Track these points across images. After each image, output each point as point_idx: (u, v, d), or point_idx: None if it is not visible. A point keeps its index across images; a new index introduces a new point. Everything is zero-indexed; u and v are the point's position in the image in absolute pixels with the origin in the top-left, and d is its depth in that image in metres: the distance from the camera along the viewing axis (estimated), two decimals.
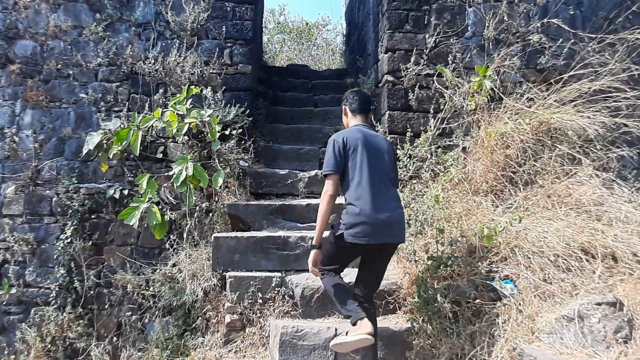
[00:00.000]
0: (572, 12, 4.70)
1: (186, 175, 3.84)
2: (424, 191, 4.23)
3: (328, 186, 2.60)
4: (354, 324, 2.47)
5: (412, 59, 4.65)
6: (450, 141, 4.39)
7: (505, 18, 4.62)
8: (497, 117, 4.14)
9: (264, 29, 12.17)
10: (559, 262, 2.81)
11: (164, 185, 4.09)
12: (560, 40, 4.50)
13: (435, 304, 2.85)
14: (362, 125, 2.83)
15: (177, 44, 4.88)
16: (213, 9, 5.00)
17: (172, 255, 4.19)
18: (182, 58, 4.84)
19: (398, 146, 4.46)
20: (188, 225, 4.12)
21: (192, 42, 4.93)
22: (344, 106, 2.97)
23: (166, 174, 4.32)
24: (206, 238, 4.19)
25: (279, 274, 3.44)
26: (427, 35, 4.74)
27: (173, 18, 4.93)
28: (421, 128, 4.51)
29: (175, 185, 3.89)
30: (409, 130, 4.44)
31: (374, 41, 5.43)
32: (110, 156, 4.11)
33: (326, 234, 2.75)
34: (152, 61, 4.87)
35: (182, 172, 3.85)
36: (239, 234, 3.72)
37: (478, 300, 2.84)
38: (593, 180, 3.44)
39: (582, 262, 2.79)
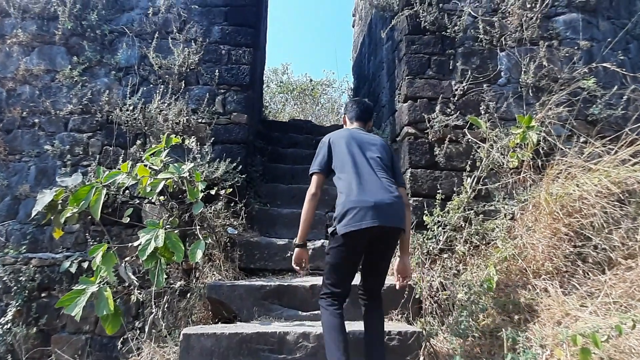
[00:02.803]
0: (622, 58, 4.04)
1: (155, 246, 2.94)
2: (460, 269, 3.31)
3: (312, 185, 2.55)
4: None
5: (437, 108, 3.92)
6: (490, 205, 3.53)
7: (545, 63, 3.95)
8: (549, 176, 3.32)
9: (266, 88, 11.84)
10: None
11: (126, 259, 3.17)
12: (615, 87, 3.79)
13: None
14: (356, 129, 2.74)
15: (161, 90, 4.19)
16: (206, 52, 4.36)
17: (134, 353, 3.17)
18: (166, 105, 4.12)
19: (425, 211, 3.60)
20: (153, 315, 3.15)
21: (180, 87, 4.24)
22: (344, 116, 2.96)
23: (136, 243, 3.41)
24: (179, 329, 3.20)
25: None
26: (453, 82, 4.05)
27: (159, 61, 4.27)
28: (454, 189, 3.67)
29: (140, 259, 2.97)
30: (439, 191, 3.59)
31: (388, 91, 4.76)
32: (62, 220, 3.24)
33: None
34: (131, 108, 4.15)
35: (150, 242, 2.95)
36: (219, 328, 2.74)
37: None
38: None
39: None
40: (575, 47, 4.00)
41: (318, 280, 3.22)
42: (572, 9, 4.13)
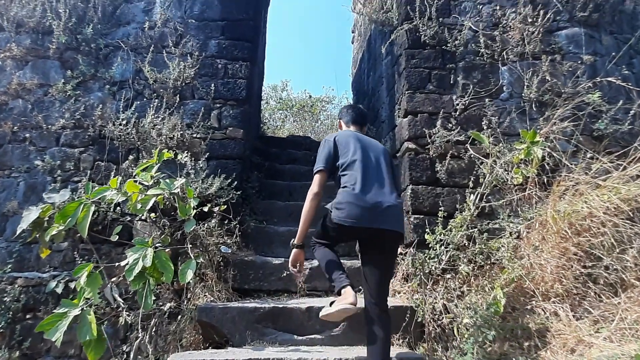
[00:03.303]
0: (626, 72, 3.96)
1: (143, 266, 2.80)
2: (464, 290, 3.16)
3: (314, 184, 2.54)
4: (339, 293, 2.40)
5: (438, 123, 3.81)
6: (494, 223, 3.39)
7: (548, 77, 3.86)
8: (555, 193, 3.19)
9: (265, 104, 11.80)
10: None
11: (112, 280, 3.02)
12: (621, 102, 3.69)
13: None
14: (357, 132, 2.81)
15: (155, 104, 4.09)
16: (202, 65, 4.28)
17: None
18: (160, 119, 4.02)
19: (427, 229, 3.46)
20: (139, 340, 2.97)
21: (175, 102, 4.14)
22: (339, 120, 3.03)
23: (124, 262, 3.26)
24: (168, 354, 3.03)
25: None
26: (454, 97, 3.95)
27: (154, 75, 4.19)
28: (456, 206, 3.53)
29: (128, 279, 2.82)
30: (440, 209, 3.46)
31: (388, 106, 4.66)
32: (47, 238, 3.10)
33: None
34: (124, 123, 4.04)
35: (138, 262, 2.81)
36: (208, 355, 2.58)
37: None
38: None
39: None
40: (579, 62, 3.92)
41: (315, 302, 3.07)
42: (574, 23, 4.06)
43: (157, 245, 3.26)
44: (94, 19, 4.43)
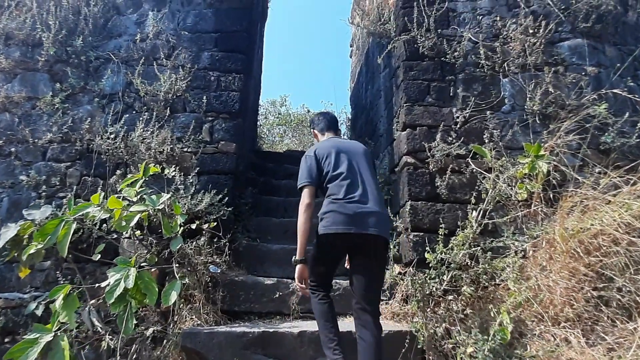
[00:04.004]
0: (631, 84, 3.82)
1: (125, 287, 2.62)
2: (467, 313, 2.96)
3: (304, 197, 2.49)
4: None
5: (438, 137, 3.67)
6: (498, 242, 3.22)
7: (551, 89, 3.72)
8: (563, 209, 3.02)
9: (264, 119, 11.71)
10: None
11: (91, 302, 2.83)
12: (627, 114, 3.54)
13: None
14: (332, 137, 2.83)
15: (145, 117, 3.96)
16: (194, 78, 4.16)
17: None
18: (150, 133, 3.88)
19: (427, 247, 3.28)
20: None
21: (165, 115, 4.01)
22: (313, 130, 3.01)
23: (104, 284, 3.08)
24: None
25: None
26: (454, 109, 3.82)
27: (144, 88, 4.07)
28: (458, 223, 3.36)
29: (108, 302, 2.64)
30: (441, 226, 3.29)
31: (386, 119, 4.53)
32: (24, 257, 2.92)
33: None
34: (112, 137, 3.90)
35: (120, 283, 2.63)
36: None
37: None
38: None
39: None
40: (582, 73, 3.79)
41: (308, 326, 2.88)
42: (576, 34, 3.95)
43: (142, 264, 3.10)
44: (85, 31, 4.34)
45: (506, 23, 3.97)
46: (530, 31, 3.90)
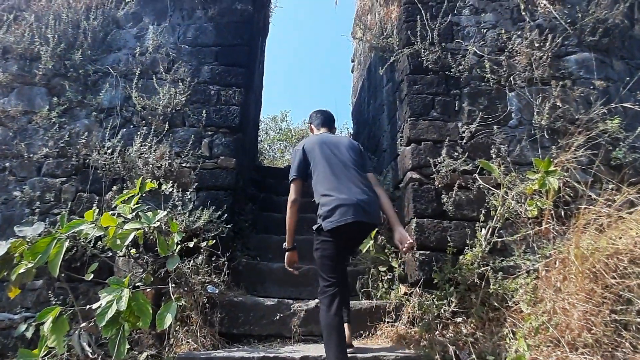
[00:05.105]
0: None
1: (117, 309, 2.49)
2: (478, 337, 2.82)
3: (291, 192, 2.82)
4: None
5: (444, 152, 3.57)
6: (508, 261, 3.09)
7: (559, 104, 3.64)
8: (578, 227, 2.89)
9: (265, 135, 11.64)
10: None
11: (82, 325, 2.69)
12: (639, 129, 3.45)
13: None
14: (324, 134, 3.04)
15: (144, 132, 3.87)
16: (194, 92, 4.08)
17: None
18: (148, 148, 3.78)
19: (434, 267, 3.15)
20: None
21: (164, 129, 3.92)
22: (310, 125, 3.26)
23: (95, 305, 2.94)
24: None
25: None
26: (460, 124, 3.73)
27: (143, 102, 3.99)
28: (466, 241, 3.24)
29: (99, 325, 2.50)
30: (449, 244, 3.16)
31: (390, 134, 4.44)
32: (13, 277, 2.79)
33: None
34: (109, 152, 3.81)
35: (112, 304, 2.50)
36: None
37: None
38: None
39: None
40: (591, 87, 3.71)
41: (311, 351, 2.73)
42: (583, 48, 3.88)
43: (136, 284, 2.97)
44: (84, 44, 4.28)
45: (511, 36, 3.91)
46: (536, 45, 3.83)
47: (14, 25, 4.40)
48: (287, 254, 2.87)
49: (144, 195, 3.10)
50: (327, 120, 3.19)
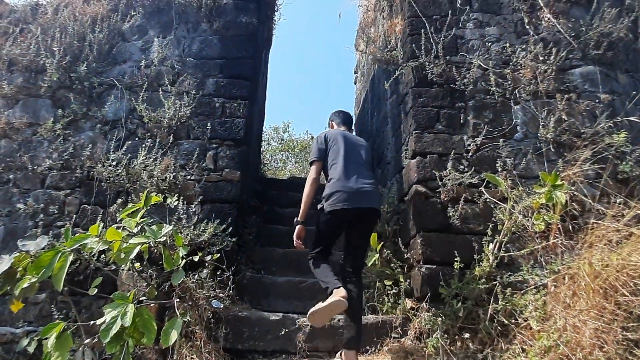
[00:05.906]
0: None
1: (122, 325, 2.45)
2: (486, 354, 2.78)
3: (312, 171, 3.08)
4: (330, 293, 2.64)
5: (449, 165, 3.56)
6: (516, 276, 3.06)
7: (564, 117, 3.64)
8: (586, 242, 2.87)
9: (267, 145, 11.65)
10: None
11: (86, 342, 2.66)
12: None
13: None
14: (345, 131, 3.33)
15: (148, 144, 3.86)
16: (199, 104, 4.09)
17: None
18: (152, 160, 3.77)
19: (441, 281, 3.13)
20: None
21: (169, 142, 3.91)
22: (330, 122, 3.57)
23: (99, 321, 2.91)
24: None
25: None
26: (465, 137, 3.72)
27: (148, 114, 3.99)
28: (473, 256, 3.21)
29: (103, 342, 2.47)
30: (456, 259, 3.13)
31: (394, 147, 4.43)
32: (17, 292, 2.77)
33: None
34: (114, 164, 3.80)
35: (116, 320, 2.47)
36: None
37: None
38: None
39: None
40: (596, 101, 3.71)
41: None
42: (587, 61, 3.89)
43: (141, 299, 2.94)
44: (90, 57, 4.30)
45: (516, 50, 3.92)
46: (541, 58, 3.84)
47: (20, 37, 4.43)
48: (297, 227, 3.07)
49: (148, 208, 3.08)
50: (346, 119, 3.53)
